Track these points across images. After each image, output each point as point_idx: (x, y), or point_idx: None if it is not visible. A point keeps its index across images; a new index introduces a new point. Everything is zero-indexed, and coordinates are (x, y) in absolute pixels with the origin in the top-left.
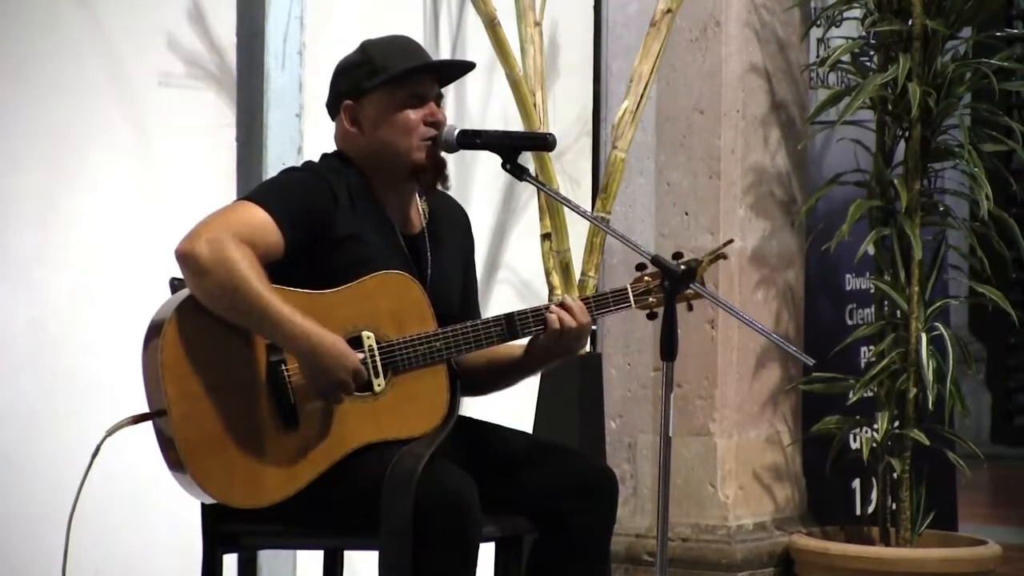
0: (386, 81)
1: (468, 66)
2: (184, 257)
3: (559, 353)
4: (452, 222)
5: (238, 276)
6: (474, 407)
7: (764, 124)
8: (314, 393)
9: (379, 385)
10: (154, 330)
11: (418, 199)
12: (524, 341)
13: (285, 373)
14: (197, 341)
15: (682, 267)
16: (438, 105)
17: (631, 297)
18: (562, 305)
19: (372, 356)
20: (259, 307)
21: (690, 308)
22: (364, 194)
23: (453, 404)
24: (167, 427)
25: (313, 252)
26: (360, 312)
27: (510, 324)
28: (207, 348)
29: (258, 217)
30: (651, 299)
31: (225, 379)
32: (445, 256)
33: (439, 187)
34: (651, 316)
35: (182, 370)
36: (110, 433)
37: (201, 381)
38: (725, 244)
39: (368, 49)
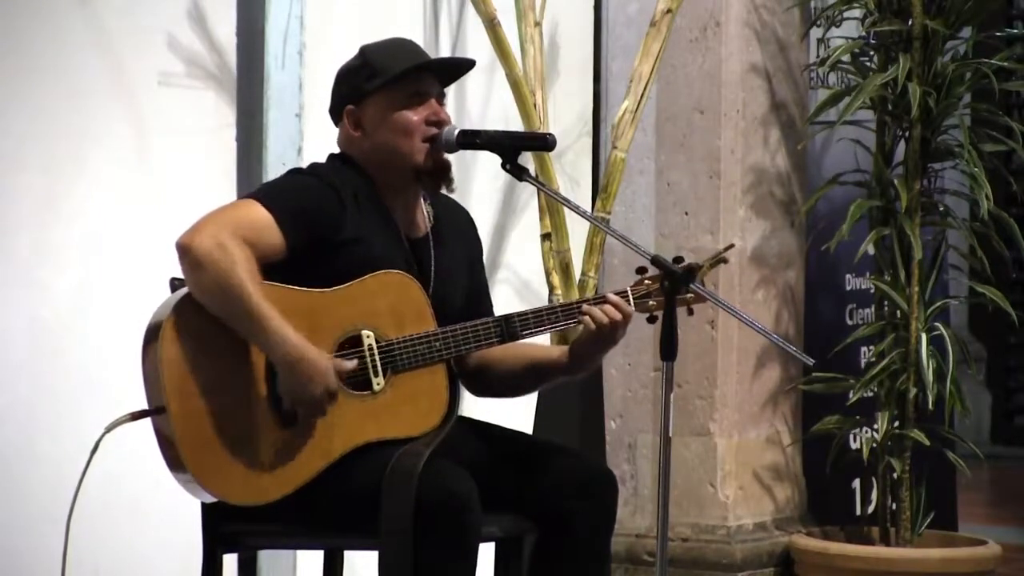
0: (386, 83)
1: (468, 64)
2: (184, 249)
3: (602, 350)
4: (457, 227)
5: (234, 276)
6: (474, 407)
7: (764, 124)
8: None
9: (378, 384)
10: (154, 328)
11: (423, 203)
12: (549, 345)
13: None
14: (196, 339)
15: (681, 268)
16: (440, 104)
17: (631, 300)
18: (604, 302)
19: (371, 355)
20: (250, 310)
21: (690, 312)
22: (369, 197)
23: (452, 404)
24: (166, 425)
25: (316, 255)
26: (359, 311)
27: (509, 325)
28: (206, 346)
29: (261, 217)
30: (651, 302)
31: (224, 377)
32: (449, 260)
33: (444, 190)
34: (651, 320)
35: (181, 368)
36: (109, 429)
37: (200, 379)
38: (726, 249)
39: (367, 53)
